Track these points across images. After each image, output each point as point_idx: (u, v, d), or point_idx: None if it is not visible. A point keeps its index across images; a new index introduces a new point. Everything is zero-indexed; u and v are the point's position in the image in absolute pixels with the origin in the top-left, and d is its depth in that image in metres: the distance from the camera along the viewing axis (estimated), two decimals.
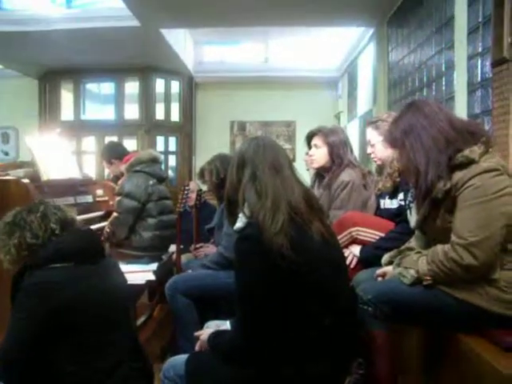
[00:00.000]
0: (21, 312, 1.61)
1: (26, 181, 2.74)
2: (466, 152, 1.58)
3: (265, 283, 1.39)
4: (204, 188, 3.44)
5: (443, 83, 3.88)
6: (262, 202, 1.45)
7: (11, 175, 2.89)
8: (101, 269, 1.77)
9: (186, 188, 3.31)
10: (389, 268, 1.85)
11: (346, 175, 2.72)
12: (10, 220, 1.75)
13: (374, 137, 2.51)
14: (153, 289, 3.41)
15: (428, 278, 1.64)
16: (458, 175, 1.59)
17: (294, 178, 1.56)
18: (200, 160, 8.55)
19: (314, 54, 8.74)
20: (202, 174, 2.96)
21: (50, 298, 1.58)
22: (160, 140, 8.22)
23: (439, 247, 1.64)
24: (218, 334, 1.62)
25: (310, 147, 2.92)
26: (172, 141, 8.39)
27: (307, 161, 2.91)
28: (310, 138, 2.94)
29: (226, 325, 1.80)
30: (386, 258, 1.92)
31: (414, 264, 1.70)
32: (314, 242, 1.43)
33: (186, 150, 8.50)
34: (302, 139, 3.07)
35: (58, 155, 3.38)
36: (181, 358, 1.67)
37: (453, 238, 1.59)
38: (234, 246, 1.47)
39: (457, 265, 1.56)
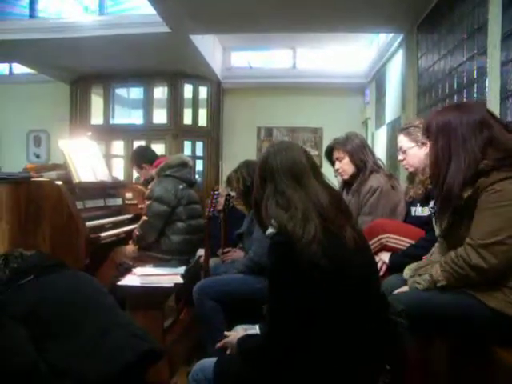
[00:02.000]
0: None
1: (59, 183, 2.80)
2: (489, 161, 1.57)
3: (297, 289, 1.38)
4: (232, 193, 3.45)
5: (475, 90, 3.82)
6: (292, 213, 1.42)
7: (44, 177, 2.95)
8: (60, 275, 1.99)
9: (216, 193, 3.33)
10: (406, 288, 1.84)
11: (375, 181, 2.70)
12: None
13: (406, 143, 2.49)
14: (180, 292, 3.43)
15: (441, 279, 1.64)
16: (479, 181, 1.58)
17: (318, 183, 1.52)
18: (227, 165, 8.58)
19: (341, 61, 8.74)
20: (229, 182, 2.97)
21: (15, 307, 1.78)
22: (187, 145, 8.29)
23: (453, 251, 1.64)
24: (247, 338, 1.63)
25: (331, 163, 2.91)
26: (199, 146, 8.45)
27: (339, 176, 2.89)
28: (329, 153, 2.93)
29: (254, 329, 1.80)
30: (406, 272, 1.92)
31: (428, 270, 1.69)
32: (346, 249, 1.42)
33: (213, 155, 8.55)
34: None
35: (89, 158, 3.44)
36: (210, 361, 1.67)
37: (466, 239, 1.60)
38: (267, 252, 1.46)
39: (465, 263, 1.57)
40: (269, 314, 1.48)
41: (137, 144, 7.87)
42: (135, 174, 7.06)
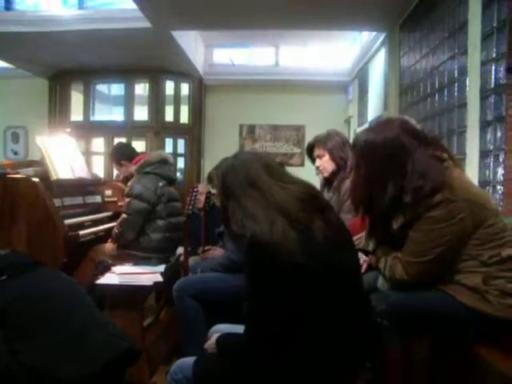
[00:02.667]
0: None
1: (35, 179, 2.73)
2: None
3: (275, 290, 1.36)
4: (213, 191, 3.42)
5: (456, 89, 3.84)
6: (257, 220, 1.41)
7: (21, 173, 2.89)
8: (34, 274, 1.97)
9: (195, 190, 3.29)
10: None
11: None
12: None
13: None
14: (160, 291, 3.39)
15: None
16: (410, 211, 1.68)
17: (276, 184, 1.50)
18: (209, 162, 8.54)
19: (324, 58, 8.75)
20: (210, 179, 2.94)
21: None
22: (169, 142, 8.22)
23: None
24: (226, 337, 1.60)
25: (312, 160, 2.90)
26: (181, 143, 8.39)
27: (320, 174, 2.89)
28: (310, 151, 2.92)
29: (234, 329, 1.77)
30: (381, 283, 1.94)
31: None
32: (316, 244, 1.40)
33: (195, 153, 8.49)
34: None
35: (67, 155, 3.38)
36: (189, 360, 1.65)
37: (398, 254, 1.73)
38: (244, 259, 1.45)
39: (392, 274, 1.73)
40: (248, 314, 1.46)
41: (117, 141, 7.78)
42: (115, 172, 6.99)
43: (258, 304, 1.41)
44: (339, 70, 8.61)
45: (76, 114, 8.23)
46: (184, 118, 8.43)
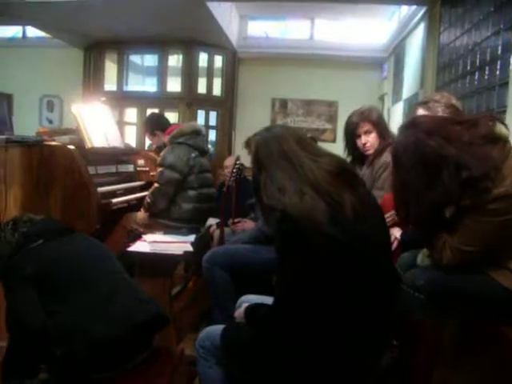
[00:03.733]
0: (12, 291, 1.83)
1: (71, 147, 2.78)
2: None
3: (304, 262, 1.36)
4: (241, 163, 3.42)
5: (498, 67, 3.71)
6: (287, 193, 1.42)
7: (57, 141, 2.94)
8: (68, 239, 2.03)
9: (238, 162, 3.31)
10: None
11: (387, 155, 2.65)
12: None
13: None
14: (189, 261, 3.43)
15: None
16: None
17: (308, 158, 1.50)
18: (240, 136, 8.51)
19: (360, 34, 8.56)
20: (247, 144, 2.93)
21: (25, 269, 1.81)
22: (201, 114, 8.23)
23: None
24: (254, 307, 1.62)
25: (352, 139, 2.82)
26: (213, 115, 8.39)
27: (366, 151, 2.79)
28: (352, 128, 2.81)
29: (263, 299, 1.79)
30: (421, 259, 1.91)
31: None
32: (346, 217, 1.39)
33: (227, 126, 8.49)
34: (343, 120, 2.98)
35: (102, 124, 3.42)
36: (217, 329, 1.68)
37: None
38: (274, 231, 1.45)
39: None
40: (277, 285, 1.47)
41: (150, 112, 7.84)
42: (147, 142, 7.05)
43: (286, 275, 1.42)
44: (375, 45, 8.42)
45: (110, 84, 8.31)
46: (216, 90, 8.41)
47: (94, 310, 1.73)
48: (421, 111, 2.45)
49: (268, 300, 1.80)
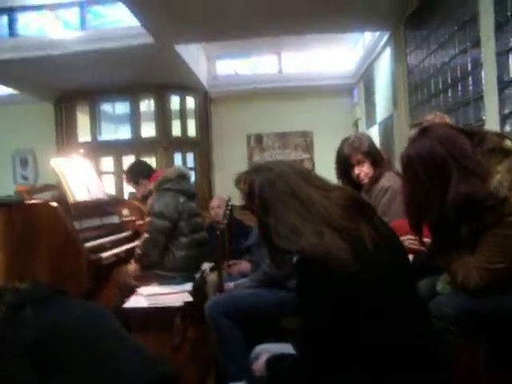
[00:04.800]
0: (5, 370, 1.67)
1: (54, 204, 2.66)
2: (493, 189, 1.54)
3: (330, 303, 1.28)
4: (230, 203, 3.35)
5: (470, 83, 3.75)
6: (302, 234, 1.34)
7: (38, 199, 2.82)
8: (58, 306, 1.88)
9: (229, 203, 3.24)
10: None
11: (386, 180, 2.61)
12: None
13: None
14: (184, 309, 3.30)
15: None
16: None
17: (316, 192, 1.42)
18: (219, 175, 8.49)
19: (327, 63, 8.73)
20: (238, 182, 2.85)
21: (15, 346, 1.68)
22: (177, 157, 8.17)
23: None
24: (277, 359, 1.50)
25: (345, 171, 2.76)
26: (190, 157, 8.34)
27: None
28: (345, 161, 2.75)
29: (280, 348, 1.68)
30: (440, 286, 1.83)
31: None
32: (368, 251, 1.31)
33: (205, 166, 8.44)
34: (319, 149, 2.97)
35: (82, 176, 3.32)
36: None
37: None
38: (296, 275, 1.37)
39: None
40: (302, 332, 1.36)
41: (126, 159, 7.76)
42: (127, 191, 6.94)
43: (312, 320, 1.32)
44: (343, 73, 8.58)
45: (83, 135, 8.22)
46: (191, 131, 8.40)
47: (97, 379, 1.60)
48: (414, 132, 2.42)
49: (286, 348, 1.70)
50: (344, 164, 2.72)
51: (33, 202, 2.72)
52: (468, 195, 1.53)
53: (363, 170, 2.66)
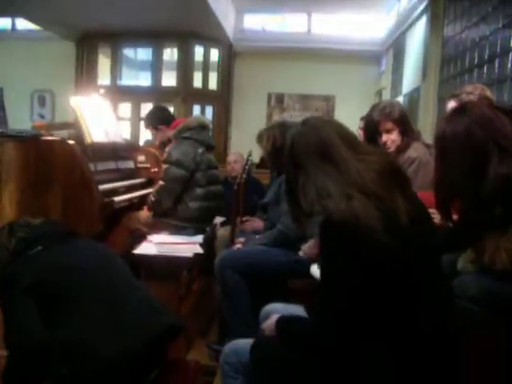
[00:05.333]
0: (9, 303, 1.65)
1: (71, 142, 2.59)
2: None
3: (354, 271, 1.22)
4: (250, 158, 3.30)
5: (510, 59, 3.60)
6: (331, 196, 1.27)
7: (55, 136, 2.76)
8: (70, 245, 1.84)
9: (249, 158, 3.17)
10: None
11: (413, 151, 2.52)
12: None
13: None
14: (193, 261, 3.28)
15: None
16: None
17: (354, 157, 1.33)
18: (236, 131, 8.41)
19: (358, 27, 8.50)
20: (259, 139, 2.78)
21: (23, 280, 1.63)
22: (196, 109, 8.10)
23: None
24: (288, 321, 1.46)
25: (373, 137, 2.68)
26: (209, 110, 8.26)
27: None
28: (374, 127, 2.66)
29: (290, 309, 1.64)
30: (461, 263, 1.76)
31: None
32: (401, 225, 1.24)
33: (223, 120, 8.35)
34: (341, 114, 2.87)
35: (101, 118, 3.24)
36: (243, 343, 1.53)
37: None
38: (319, 237, 1.30)
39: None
40: (324, 295, 1.31)
41: (144, 106, 7.67)
42: (143, 138, 6.88)
43: (333, 285, 1.27)
44: (372, 39, 8.36)
45: (103, 78, 8.14)
46: (212, 84, 8.29)
47: (103, 325, 1.57)
48: (453, 104, 2.31)
49: (296, 310, 1.66)
50: (372, 130, 2.63)
51: (49, 138, 2.65)
52: (509, 176, 1.45)
53: (391, 138, 2.57)
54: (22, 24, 8.51)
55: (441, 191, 1.66)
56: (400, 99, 6.94)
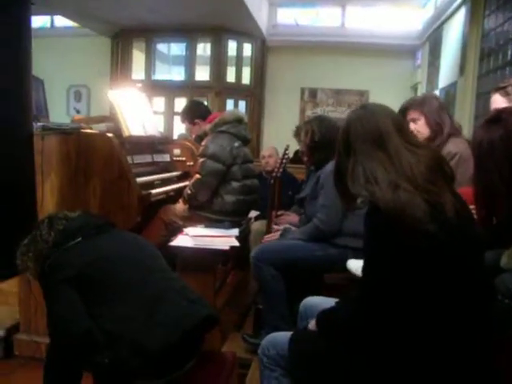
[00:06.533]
0: (52, 293, 1.69)
1: (110, 135, 2.63)
2: None
3: (397, 259, 1.21)
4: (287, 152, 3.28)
5: None
6: (379, 183, 1.27)
7: (94, 129, 2.80)
8: (109, 236, 1.88)
9: (286, 152, 3.16)
10: None
11: (453, 146, 2.46)
12: (25, 241, 1.86)
13: (502, 105, 2.22)
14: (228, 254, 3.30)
15: None
16: None
17: (406, 148, 1.33)
18: (269, 125, 8.40)
19: (392, 21, 8.34)
20: (297, 133, 2.77)
21: (65, 270, 1.67)
22: (230, 103, 8.12)
23: None
24: (328, 313, 1.45)
25: None
26: (242, 104, 8.28)
27: None
28: (403, 114, 2.67)
29: (328, 303, 1.63)
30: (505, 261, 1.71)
31: None
32: (447, 217, 1.23)
33: (256, 115, 8.35)
34: None
35: (139, 111, 3.28)
36: (281, 336, 1.53)
37: None
38: (364, 223, 1.30)
39: None
40: (362, 284, 1.31)
41: (178, 101, 7.74)
42: (176, 131, 6.94)
43: (374, 273, 1.27)
44: (408, 33, 8.20)
45: (137, 73, 8.23)
46: (246, 79, 8.30)
47: (142, 315, 1.59)
48: (498, 97, 2.24)
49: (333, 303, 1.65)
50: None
51: (89, 131, 2.69)
52: None
53: (416, 128, 2.54)
54: (60, 21, 8.69)
55: (479, 204, 1.61)
56: (436, 93, 6.81)
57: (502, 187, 1.48)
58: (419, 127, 2.55)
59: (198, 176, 2.98)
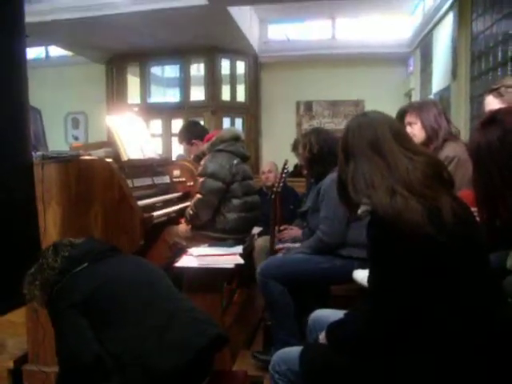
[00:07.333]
0: (60, 320, 1.69)
1: (109, 160, 2.65)
2: None
3: (400, 266, 1.22)
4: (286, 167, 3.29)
5: None
6: (375, 189, 1.30)
7: (93, 155, 2.82)
8: (115, 260, 1.89)
9: (286, 167, 3.18)
10: None
11: (450, 150, 2.48)
12: (32, 270, 1.87)
13: (496, 106, 2.23)
14: (233, 272, 3.29)
15: None
16: None
17: (403, 154, 1.35)
18: (266, 141, 8.43)
19: (383, 30, 8.42)
20: (295, 146, 2.79)
21: (72, 296, 1.69)
22: (226, 121, 8.18)
23: None
24: (337, 326, 1.45)
25: None
26: (238, 122, 8.34)
27: None
28: (401, 118, 2.71)
29: (337, 315, 1.63)
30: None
31: None
32: (445, 220, 1.23)
33: (253, 131, 8.40)
34: None
35: (136, 135, 3.30)
36: (292, 352, 1.52)
37: None
38: (366, 231, 1.32)
39: None
40: (371, 296, 1.31)
41: (175, 122, 7.79)
42: (175, 152, 6.97)
43: (382, 281, 1.28)
44: (398, 41, 8.29)
45: (133, 97, 8.30)
46: (240, 96, 8.36)
47: (152, 337, 1.59)
48: (491, 99, 2.25)
49: (341, 315, 1.65)
50: (398, 120, 2.64)
51: (88, 157, 2.71)
52: None
53: (412, 132, 2.56)
54: (55, 51, 8.81)
55: (482, 209, 1.61)
56: (431, 98, 6.85)
57: (503, 188, 1.48)
58: (415, 131, 2.58)
59: (198, 196, 2.98)
